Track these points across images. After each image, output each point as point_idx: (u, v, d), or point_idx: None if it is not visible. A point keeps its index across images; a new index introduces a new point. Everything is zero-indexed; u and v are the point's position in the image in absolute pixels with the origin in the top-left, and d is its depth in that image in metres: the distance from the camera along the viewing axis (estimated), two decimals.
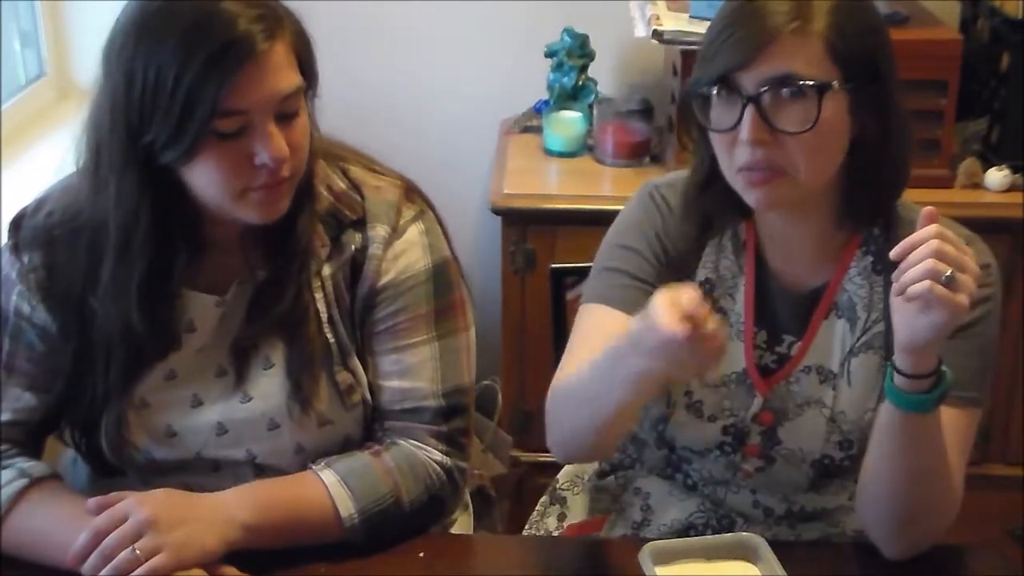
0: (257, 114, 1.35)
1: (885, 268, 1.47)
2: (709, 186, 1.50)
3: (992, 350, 1.49)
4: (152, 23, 1.34)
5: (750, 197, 1.43)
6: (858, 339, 1.49)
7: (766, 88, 1.36)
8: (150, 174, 1.38)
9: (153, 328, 1.44)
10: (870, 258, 1.49)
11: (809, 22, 1.36)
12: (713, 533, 1.58)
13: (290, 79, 1.38)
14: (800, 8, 1.36)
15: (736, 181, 1.43)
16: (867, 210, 1.48)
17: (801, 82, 1.36)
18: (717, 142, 1.43)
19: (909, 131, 1.46)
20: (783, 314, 1.53)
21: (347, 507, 1.44)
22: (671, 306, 1.19)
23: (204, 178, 1.38)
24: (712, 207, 1.52)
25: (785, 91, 1.36)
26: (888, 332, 1.44)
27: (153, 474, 1.51)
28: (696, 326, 1.18)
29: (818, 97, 1.36)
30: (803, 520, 1.59)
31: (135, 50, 1.34)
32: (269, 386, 1.49)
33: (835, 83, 1.37)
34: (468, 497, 1.73)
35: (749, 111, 1.36)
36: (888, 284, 1.40)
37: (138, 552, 1.32)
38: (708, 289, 1.54)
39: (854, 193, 1.46)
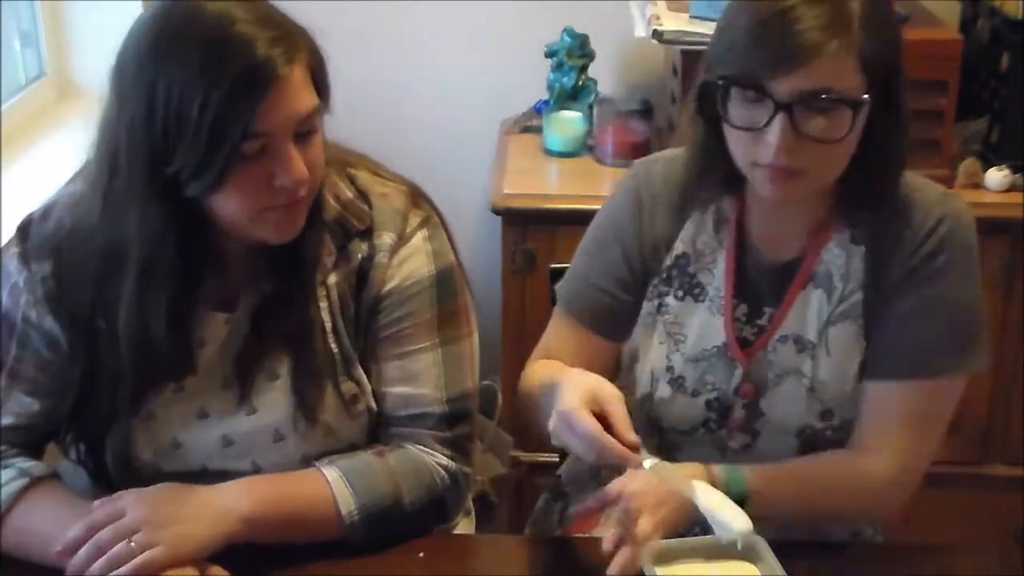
0: (277, 137, 1.34)
1: (864, 239, 1.50)
2: (708, 172, 1.51)
3: (965, 314, 1.50)
4: (168, 48, 1.32)
5: (765, 190, 1.44)
6: (835, 308, 1.51)
7: (801, 99, 1.36)
8: (175, 204, 1.36)
9: (174, 351, 1.44)
10: (850, 230, 1.51)
11: (848, 37, 1.35)
12: (700, 530, 1.59)
13: (308, 101, 1.36)
14: (837, 20, 1.35)
15: (752, 173, 1.44)
16: (870, 199, 1.49)
17: (837, 98, 1.36)
18: (735, 135, 1.43)
19: (909, 124, 1.47)
20: (762, 286, 1.55)
21: (348, 504, 1.44)
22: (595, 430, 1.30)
23: (225, 202, 1.36)
24: (706, 190, 1.54)
25: (818, 103, 1.36)
26: (866, 301, 1.50)
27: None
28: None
29: (852, 113, 1.37)
30: None
31: (154, 77, 1.31)
32: (274, 398, 1.49)
33: (865, 96, 1.38)
34: (470, 502, 1.73)
35: (780, 118, 1.36)
36: (869, 253, 1.49)
37: (133, 545, 1.32)
38: (683, 264, 1.57)
39: (859, 183, 1.47)
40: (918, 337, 1.48)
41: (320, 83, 1.40)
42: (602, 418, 1.31)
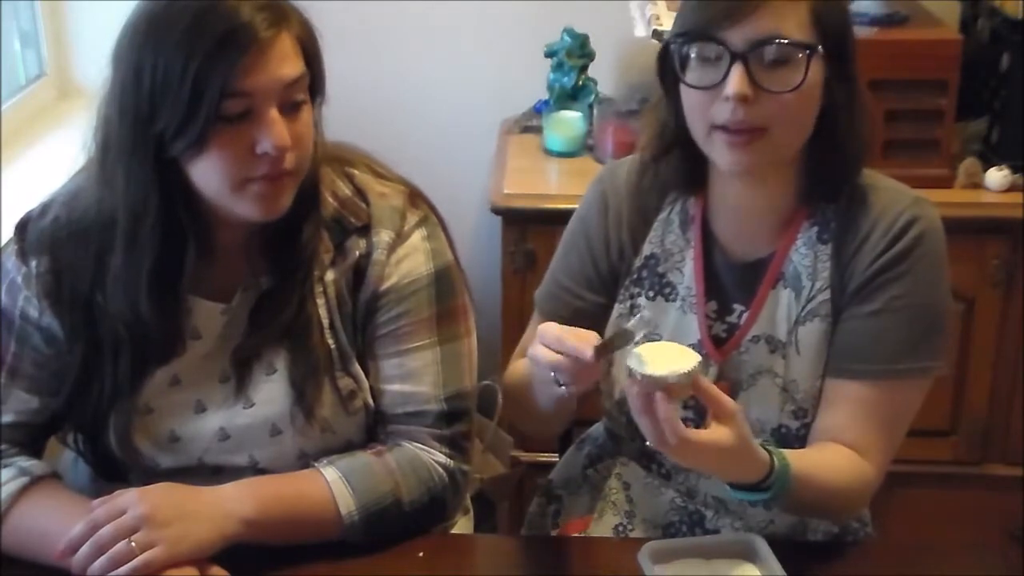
0: (260, 99, 1.35)
1: (831, 237, 1.50)
2: (668, 154, 1.53)
3: (930, 317, 1.50)
4: (157, 20, 1.35)
5: (725, 158, 1.44)
6: (804, 308, 1.51)
7: (755, 46, 1.38)
8: (159, 165, 1.38)
9: (161, 326, 1.44)
10: (816, 228, 1.52)
11: None
12: (687, 531, 1.59)
13: (295, 66, 1.38)
14: None
15: (711, 141, 1.44)
16: (830, 183, 1.50)
17: (792, 42, 1.39)
18: (693, 100, 1.44)
19: (868, 109, 1.50)
20: (730, 284, 1.56)
21: (347, 504, 1.44)
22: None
23: (208, 168, 1.37)
24: (666, 177, 1.56)
25: (773, 51, 1.39)
26: (833, 299, 1.50)
27: (155, 479, 1.51)
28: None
29: (807, 59, 1.39)
30: None
31: (142, 45, 1.35)
32: (272, 392, 1.49)
33: (820, 47, 1.40)
34: (469, 501, 1.73)
35: (736, 68, 1.39)
36: (834, 253, 1.49)
37: (133, 544, 1.32)
38: (653, 264, 1.58)
39: (819, 165, 1.49)
40: (884, 338, 1.48)
41: (312, 61, 1.42)
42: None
